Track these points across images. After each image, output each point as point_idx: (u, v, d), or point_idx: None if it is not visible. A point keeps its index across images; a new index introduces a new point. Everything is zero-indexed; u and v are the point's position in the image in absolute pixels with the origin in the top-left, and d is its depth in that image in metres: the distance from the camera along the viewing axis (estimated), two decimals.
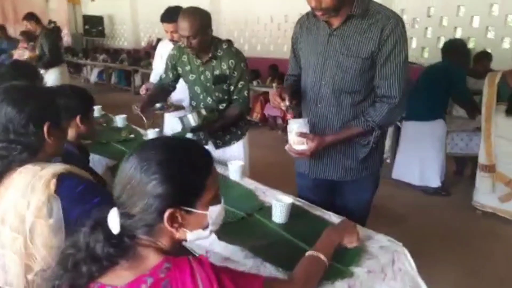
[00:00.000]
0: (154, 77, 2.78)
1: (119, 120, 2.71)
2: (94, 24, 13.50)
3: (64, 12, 14.66)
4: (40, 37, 4.65)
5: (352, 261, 1.09)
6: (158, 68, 2.74)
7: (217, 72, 1.98)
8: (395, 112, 1.42)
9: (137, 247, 0.75)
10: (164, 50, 2.65)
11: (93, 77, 11.09)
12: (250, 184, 1.71)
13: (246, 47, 8.68)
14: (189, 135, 2.08)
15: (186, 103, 2.41)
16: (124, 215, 0.74)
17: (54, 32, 4.99)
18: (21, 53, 5.48)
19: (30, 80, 1.87)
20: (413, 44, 6.21)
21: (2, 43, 7.56)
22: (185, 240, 0.81)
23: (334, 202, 1.65)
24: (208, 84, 2.03)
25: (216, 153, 2.16)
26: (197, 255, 1.21)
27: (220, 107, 2.08)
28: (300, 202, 1.51)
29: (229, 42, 2.10)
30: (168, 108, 2.32)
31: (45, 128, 1.02)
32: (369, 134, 1.45)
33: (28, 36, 5.59)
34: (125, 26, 12.99)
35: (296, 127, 1.40)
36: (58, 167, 0.97)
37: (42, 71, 4.71)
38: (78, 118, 1.59)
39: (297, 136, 1.39)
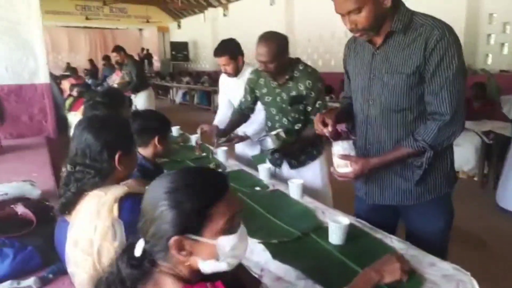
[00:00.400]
0: (218, 117, 2.82)
1: (194, 139, 2.91)
2: (180, 49, 14.69)
3: (155, 40, 16.24)
4: (128, 66, 5.25)
5: None
6: (222, 105, 2.86)
7: (293, 93, 1.99)
8: (448, 131, 1.29)
9: (157, 274, 0.77)
10: (222, 82, 2.80)
11: (178, 98, 12.03)
12: (310, 203, 1.70)
13: (320, 63, 8.68)
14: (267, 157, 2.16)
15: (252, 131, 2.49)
16: (144, 240, 0.78)
17: (140, 60, 5.62)
18: (114, 80, 6.23)
19: (116, 106, 2.15)
20: (505, 50, 5.62)
21: (106, 70, 8.67)
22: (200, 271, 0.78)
23: (397, 228, 1.55)
24: (283, 105, 2.05)
25: (291, 173, 2.15)
26: (254, 273, 1.26)
27: (296, 127, 2.08)
28: (360, 224, 1.47)
29: (298, 59, 2.04)
30: (233, 140, 2.40)
31: (116, 157, 1.13)
32: (421, 155, 1.34)
33: (110, 64, 6.37)
34: (206, 50, 13.90)
35: (339, 149, 1.37)
36: (118, 191, 1.06)
37: (132, 96, 5.30)
38: (156, 139, 1.78)
39: (340, 158, 1.36)
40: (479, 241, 2.90)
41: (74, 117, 3.78)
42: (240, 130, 2.51)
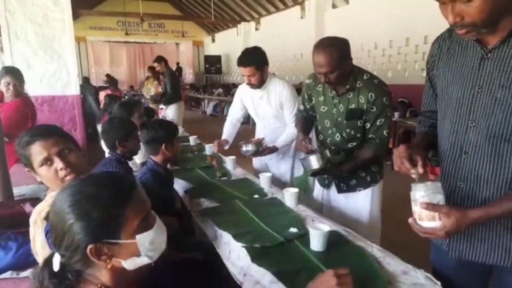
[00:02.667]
0: (227, 124, 2.80)
1: (208, 148, 3.01)
2: (213, 62, 15.11)
3: (190, 53, 16.82)
4: (165, 77, 5.48)
5: None
6: (232, 114, 2.79)
7: (352, 105, 1.75)
8: None
9: (82, 286, 0.80)
10: (242, 93, 2.68)
11: (209, 110, 12.33)
12: (303, 211, 1.72)
13: None
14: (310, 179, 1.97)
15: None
16: (59, 254, 0.79)
17: (176, 73, 5.87)
18: (148, 90, 6.53)
19: (127, 114, 2.32)
20: None
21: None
22: (128, 270, 0.81)
23: None
24: (339, 119, 1.81)
25: (338, 198, 1.96)
26: (236, 278, 1.30)
27: (350, 145, 1.83)
28: (345, 232, 1.47)
29: (363, 69, 1.81)
30: (262, 152, 2.38)
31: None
32: None
33: (154, 73, 6.65)
34: None
35: (422, 194, 0.98)
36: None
37: (163, 106, 5.55)
38: (163, 146, 1.90)
39: (424, 208, 0.98)
40: None
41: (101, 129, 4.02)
42: (268, 142, 2.46)
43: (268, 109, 2.52)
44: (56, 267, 0.78)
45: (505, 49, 0.97)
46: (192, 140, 3.44)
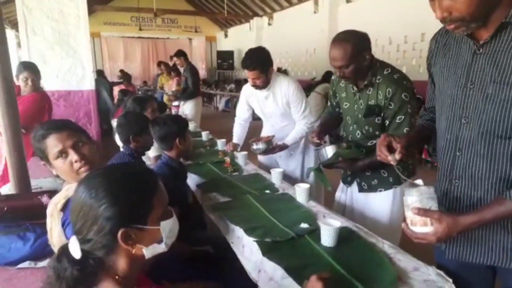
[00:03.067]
0: (236, 126, 2.81)
1: (220, 144, 3.03)
2: (225, 58, 15.12)
3: (202, 48, 16.88)
4: (185, 72, 5.37)
5: None
6: (239, 116, 2.80)
7: (371, 102, 1.69)
8: None
9: (99, 278, 0.82)
10: (247, 93, 2.67)
11: (221, 105, 12.37)
12: (313, 207, 1.73)
13: None
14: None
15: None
16: (83, 241, 0.82)
17: (196, 68, 5.73)
18: (171, 86, 6.52)
19: (141, 109, 2.35)
20: None
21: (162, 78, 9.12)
22: (143, 257, 0.86)
23: None
24: (359, 115, 1.76)
25: (358, 197, 1.89)
26: (252, 276, 1.32)
27: (370, 143, 1.76)
28: (356, 228, 1.47)
29: (386, 63, 1.73)
30: (273, 149, 2.40)
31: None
32: None
33: (169, 69, 6.63)
34: None
35: (415, 199, 0.97)
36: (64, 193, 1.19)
37: (181, 102, 5.49)
38: (177, 141, 1.92)
39: (416, 213, 0.97)
40: None
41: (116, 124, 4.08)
42: (278, 139, 2.46)
43: (275, 108, 2.51)
44: (77, 254, 0.81)
45: (496, 43, 0.94)
46: (205, 135, 3.46)
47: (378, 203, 1.82)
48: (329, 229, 1.32)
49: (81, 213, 0.82)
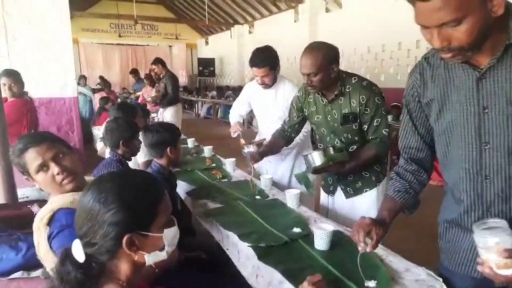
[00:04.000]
0: (232, 116, 2.82)
1: (206, 150, 3.04)
2: (206, 65, 15.12)
3: (183, 56, 16.82)
4: (165, 79, 5.34)
5: None
6: (236, 108, 2.81)
7: (345, 110, 1.78)
8: None
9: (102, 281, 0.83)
10: (249, 91, 2.67)
11: (202, 112, 12.35)
12: (305, 211, 1.77)
13: None
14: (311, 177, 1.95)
15: None
16: (87, 244, 0.83)
17: (175, 75, 5.73)
18: (149, 93, 6.48)
19: (130, 116, 2.34)
20: None
21: (135, 85, 9.06)
22: (144, 264, 0.87)
23: None
24: (335, 125, 1.84)
25: (345, 204, 1.94)
26: (250, 282, 1.34)
27: (350, 149, 1.85)
28: (348, 232, 1.52)
29: (352, 74, 1.85)
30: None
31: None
32: None
33: (151, 80, 6.60)
34: (232, 66, 14.26)
35: (496, 241, 0.86)
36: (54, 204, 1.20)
37: (161, 109, 5.47)
38: (168, 150, 1.93)
39: (502, 254, 0.84)
40: None
41: (98, 132, 4.03)
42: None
43: (274, 110, 2.50)
44: (81, 258, 0.82)
45: (503, 67, 0.94)
46: (190, 142, 3.47)
47: (363, 204, 1.88)
48: (322, 233, 1.36)
49: (89, 216, 0.82)
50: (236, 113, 2.79)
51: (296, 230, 1.54)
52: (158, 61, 5.39)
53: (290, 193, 1.84)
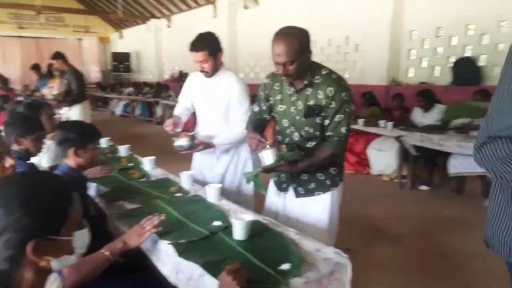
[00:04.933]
0: (177, 110, 2.58)
1: (122, 150, 2.91)
2: (121, 60, 14.37)
3: (95, 50, 15.72)
4: (67, 75, 4.92)
5: (291, 273, 1.16)
6: (180, 100, 2.61)
7: (311, 102, 1.69)
8: None
9: None
10: (191, 81, 2.49)
11: (118, 110, 11.70)
12: (225, 205, 1.80)
13: (262, 75, 8.95)
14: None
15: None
16: None
17: (80, 70, 5.30)
18: (51, 90, 5.93)
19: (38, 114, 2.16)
20: (423, 64, 6.21)
21: (39, 81, 8.21)
22: (50, 271, 0.83)
23: None
24: (297, 117, 1.74)
25: (295, 203, 1.86)
26: (170, 279, 1.32)
27: (309, 144, 1.76)
28: (266, 220, 1.59)
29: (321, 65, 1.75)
30: (197, 146, 2.20)
31: None
32: None
33: (50, 75, 6.02)
34: (150, 61, 13.73)
35: None
36: None
37: (66, 108, 5.05)
38: (72, 151, 1.79)
39: None
40: (395, 236, 3.18)
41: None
42: (204, 136, 2.30)
43: (214, 102, 2.33)
44: None
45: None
46: (104, 142, 3.27)
47: (316, 207, 1.82)
48: (239, 223, 1.41)
49: None
50: (180, 106, 2.57)
51: (217, 223, 1.57)
52: (58, 55, 4.91)
53: (210, 188, 1.86)
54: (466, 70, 5.36)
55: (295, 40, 1.56)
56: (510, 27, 5.05)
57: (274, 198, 1.98)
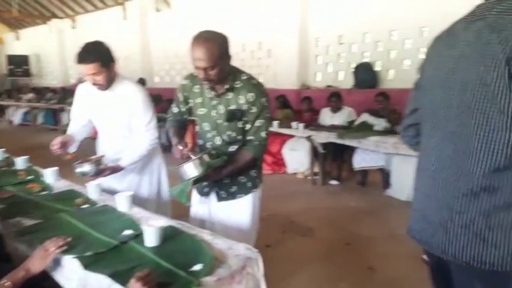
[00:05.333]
0: (71, 129, 2.33)
1: (20, 162, 2.64)
2: (19, 63, 13.00)
3: None
4: None
5: (202, 273, 1.17)
6: (74, 119, 2.35)
7: (232, 106, 1.70)
8: None
9: None
10: (81, 94, 2.27)
11: (17, 119, 10.52)
12: (138, 213, 1.75)
13: (177, 79, 8.81)
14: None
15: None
16: None
17: None
18: None
19: None
20: (329, 69, 6.71)
21: None
22: None
23: None
24: (219, 121, 1.75)
25: (217, 207, 1.86)
26: None
27: (230, 149, 1.77)
28: (180, 225, 1.58)
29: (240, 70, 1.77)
30: (103, 171, 2.03)
31: None
32: None
33: None
34: (52, 64, 12.63)
35: None
36: None
37: None
38: None
39: None
40: (308, 229, 3.38)
41: None
42: (110, 160, 2.11)
43: (115, 117, 2.16)
44: None
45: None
46: None
47: (239, 209, 1.84)
48: (150, 230, 1.38)
49: None
50: (73, 125, 2.33)
51: (127, 232, 1.51)
52: None
53: (119, 197, 1.79)
54: (365, 74, 5.93)
55: (215, 45, 1.56)
56: (399, 36, 5.73)
57: (199, 206, 1.96)
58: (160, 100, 7.05)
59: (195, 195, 1.98)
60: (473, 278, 1.06)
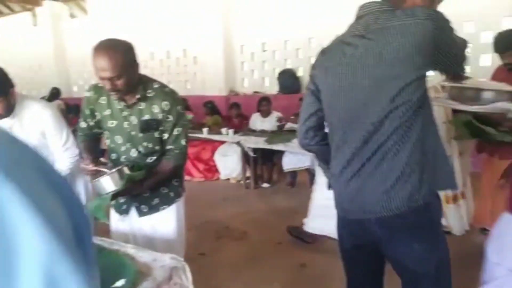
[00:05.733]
0: None
1: None
2: None
3: None
4: None
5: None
6: None
7: (146, 116, 1.63)
8: None
9: None
10: None
11: None
12: None
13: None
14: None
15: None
16: None
17: None
18: None
19: None
20: (255, 75, 6.88)
21: None
22: None
23: None
24: (133, 133, 1.66)
25: (140, 222, 1.76)
26: None
27: (149, 160, 1.70)
28: (101, 241, 1.49)
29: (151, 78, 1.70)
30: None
31: None
32: None
33: None
34: None
35: None
36: None
37: None
38: None
39: None
40: (242, 233, 3.41)
41: None
42: None
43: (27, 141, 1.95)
44: None
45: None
46: None
47: (163, 221, 1.78)
48: None
49: None
50: None
51: None
52: None
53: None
54: (288, 80, 6.18)
55: (118, 53, 1.47)
56: (317, 43, 6.06)
57: (119, 223, 1.85)
58: (79, 110, 6.57)
59: (113, 214, 1.85)
60: (396, 232, 1.19)
